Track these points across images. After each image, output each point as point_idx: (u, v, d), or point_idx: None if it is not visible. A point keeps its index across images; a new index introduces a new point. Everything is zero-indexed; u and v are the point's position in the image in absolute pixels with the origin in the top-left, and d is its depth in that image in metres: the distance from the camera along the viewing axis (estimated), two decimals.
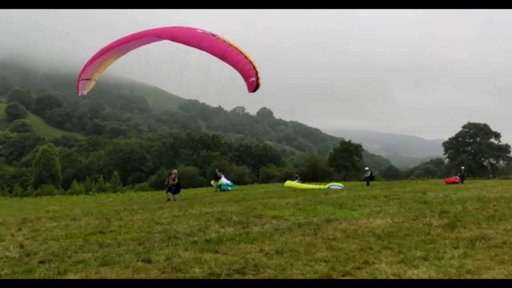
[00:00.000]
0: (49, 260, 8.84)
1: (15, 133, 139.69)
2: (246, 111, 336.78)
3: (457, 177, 40.93)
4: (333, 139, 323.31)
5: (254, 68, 13.39)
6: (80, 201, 33.53)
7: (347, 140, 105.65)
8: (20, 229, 13.72)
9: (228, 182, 38.73)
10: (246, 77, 13.23)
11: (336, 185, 38.58)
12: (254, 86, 13.34)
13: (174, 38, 13.03)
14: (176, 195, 26.14)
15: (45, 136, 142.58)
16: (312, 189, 35.89)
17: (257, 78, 13.27)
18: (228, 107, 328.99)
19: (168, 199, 25.64)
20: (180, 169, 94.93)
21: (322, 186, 38.77)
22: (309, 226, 12.44)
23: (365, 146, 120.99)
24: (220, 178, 37.39)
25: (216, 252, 9.15)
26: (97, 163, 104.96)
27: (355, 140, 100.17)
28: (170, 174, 27.03)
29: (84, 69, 13.34)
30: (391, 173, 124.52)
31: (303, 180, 59.42)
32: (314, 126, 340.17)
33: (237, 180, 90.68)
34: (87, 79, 13.64)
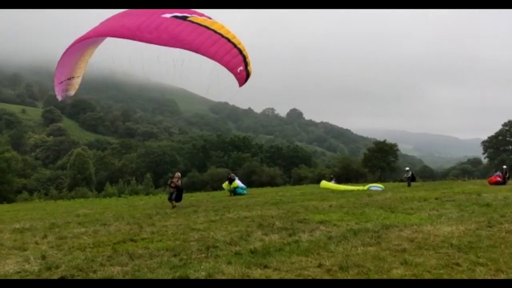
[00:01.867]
0: (72, 276, 7.59)
1: (51, 137, 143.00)
2: (276, 112, 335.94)
3: (497, 176, 37.45)
4: (364, 140, 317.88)
5: (241, 52, 11.18)
6: (112, 204, 32.81)
7: (378, 140, 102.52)
8: (45, 236, 12.67)
9: (243, 185, 35.20)
10: (231, 67, 11.09)
11: (376, 186, 36.57)
12: (244, 77, 11.39)
13: (123, 35, 10.83)
14: (177, 203, 22.80)
15: (79, 139, 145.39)
16: (351, 191, 34.00)
17: (246, 65, 11.28)
18: (257, 109, 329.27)
19: (174, 207, 22.27)
20: (211, 171, 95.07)
21: (361, 187, 36.81)
22: (366, 233, 10.81)
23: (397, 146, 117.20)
24: (233, 180, 34.03)
25: (266, 267, 7.70)
26: (130, 165, 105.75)
27: (386, 140, 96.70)
28: (172, 177, 23.55)
29: (58, 72, 11.88)
30: (426, 174, 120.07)
31: (337, 181, 57.47)
32: (344, 127, 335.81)
33: (269, 182, 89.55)
34: (69, 79, 12.22)
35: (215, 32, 10.91)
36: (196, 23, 10.91)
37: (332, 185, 40.39)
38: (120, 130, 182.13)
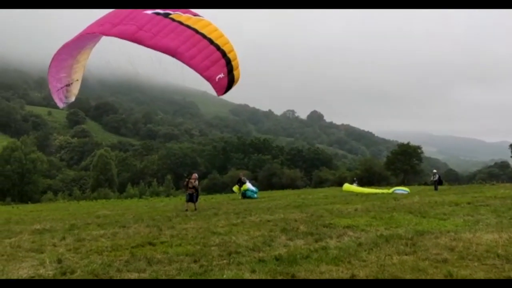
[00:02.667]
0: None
1: (75, 138, 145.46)
2: (296, 114, 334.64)
3: None
4: (386, 142, 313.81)
5: (224, 55, 9.42)
6: (133, 206, 32.69)
7: (400, 142, 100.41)
8: (64, 238, 12.34)
9: (254, 188, 33.48)
10: (208, 76, 9.27)
11: (401, 190, 35.45)
12: (223, 85, 9.52)
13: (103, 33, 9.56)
14: (196, 204, 22.10)
15: (102, 141, 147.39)
16: (376, 194, 33.01)
17: (230, 70, 9.52)
18: (278, 111, 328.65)
19: (187, 210, 21.28)
20: (231, 173, 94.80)
21: (385, 191, 35.74)
22: (399, 240, 10.08)
23: None
24: (244, 183, 32.48)
25: (293, 276, 7.08)
26: (151, 167, 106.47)
27: (410, 143, 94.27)
28: (189, 178, 22.11)
29: (53, 79, 11.03)
30: (451, 177, 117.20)
31: (360, 184, 56.40)
32: (366, 129, 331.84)
33: (290, 184, 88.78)
34: (67, 85, 11.41)
35: (196, 31, 9.51)
36: (178, 21, 9.58)
37: (355, 188, 39.46)
38: (142, 132, 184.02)
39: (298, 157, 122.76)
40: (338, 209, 19.02)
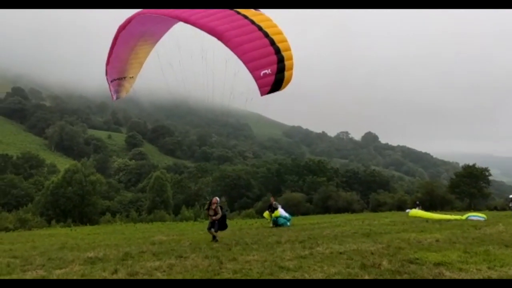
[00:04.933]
0: None
1: (133, 161, 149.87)
2: (350, 135, 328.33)
3: None
4: (446, 164, 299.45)
5: (277, 52, 8.39)
6: (188, 229, 31.76)
7: (461, 164, 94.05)
8: (115, 271, 11.22)
9: (287, 214, 30.12)
10: (253, 68, 8.31)
11: (476, 216, 32.02)
12: (269, 83, 8.40)
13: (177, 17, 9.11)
14: (220, 232, 19.58)
15: (158, 163, 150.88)
16: (449, 220, 29.97)
17: (281, 69, 8.46)
18: (331, 132, 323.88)
19: (215, 239, 19.00)
20: (286, 196, 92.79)
21: (458, 217, 32.45)
22: None
23: None
24: (276, 209, 29.33)
25: None
26: (205, 189, 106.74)
27: (476, 165, 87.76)
28: (210, 204, 19.40)
29: (109, 66, 10.10)
30: None
31: (423, 208, 52.74)
32: (423, 150, 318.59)
33: (346, 207, 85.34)
34: (119, 79, 10.40)
35: (252, 22, 8.70)
36: (235, 10, 8.92)
37: (423, 213, 36.37)
38: (197, 154, 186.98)
39: (354, 179, 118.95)
40: (416, 239, 16.82)
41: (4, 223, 48.61)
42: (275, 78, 8.45)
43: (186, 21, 8.81)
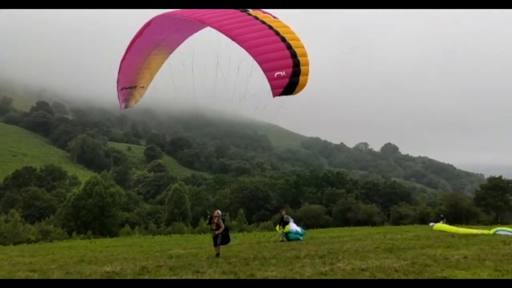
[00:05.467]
0: None
1: (152, 173, 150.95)
2: (369, 147, 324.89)
3: None
4: (470, 175, 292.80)
5: (293, 56, 8.54)
6: (206, 243, 31.40)
7: (486, 176, 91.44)
8: None
9: (298, 229, 29.10)
10: (267, 68, 8.46)
11: (505, 230, 30.78)
12: (282, 85, 8.52)
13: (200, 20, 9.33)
14: (222, 246, 18.82)
15: (177, 175, 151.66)
16: (476, 235, 28.92)
17: (296, 73, 8.57)
18: (350, 143, 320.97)
19: (217, 254, 18.37)
20: (304, 208, 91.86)
21: (485, 231, 31.33)
22: None
23: None
24: (288, 223, 28.53)
25: None
26: (223, 201, 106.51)
27: (502, 176, 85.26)
28: (212, 217, 18.63)
29: (121, 74, 10.04)
30: None
31: (447, 221, 51.37)
32: (446, 162, 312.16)
33: (366, 220, 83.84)
34: (130, 88, 10.33)
35: (270, 27, 8.90)
36: (253, 16, 9.19)
37: (448, 227, 35.28)
38: (215, 166, 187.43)
39: (374, 191, 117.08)
40: (442, 256, 16.14)
41: (27, 235, 49.24)
42: (289, 81, 8.55)
43: (202, 22, 8.95)
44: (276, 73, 8.44)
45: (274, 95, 8.76)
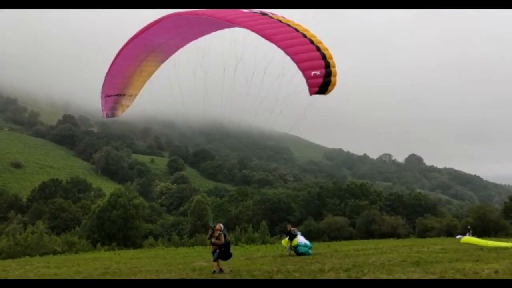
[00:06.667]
0: None
1: (175, 184, 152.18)
2: (393, 158, 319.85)
3: None
4: (498, 187, 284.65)
5: (324, 58, 9.14)
6: None
7: None
8: None
9: (307, 242, 28.30)
10: (304, 67, 9.03)
11: None
12: (318, 84, 9.10)
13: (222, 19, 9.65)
14: (223, 262, 18.47)
15: (199, 187, 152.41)
16: (505, 248, 28.00)
17: (328, 74, 9.12)
18: (373, 155, 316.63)
19: (214, 271, 17.99)
20: (327, 220, 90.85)
21: None
22: None
23: None
24: (295, 236, 27.75)
25: None
26: (246, 212, 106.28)
27: None
28: (213, 231, 18.20)
29: (107, 81, 9.92)
30: None
31: (475, 234, 49.93)
32: (472, 173, 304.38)
33: (390, 232, 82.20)
34: (117, 95, 10.22)
35: (297, 30, 9.45)
36: (276, 19, 9.65)
37: (476, 240, 34.26)
38: (237, 177, 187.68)
39: (398, 203, 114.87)
40: (472, 270, 15.66)
41: (53, 246, 50.15)
42: (324, 81, 9.03)
43: (232, 22, 9.22)
44: (313, 72, 8.92)
45: (311, 93, 9.21)
